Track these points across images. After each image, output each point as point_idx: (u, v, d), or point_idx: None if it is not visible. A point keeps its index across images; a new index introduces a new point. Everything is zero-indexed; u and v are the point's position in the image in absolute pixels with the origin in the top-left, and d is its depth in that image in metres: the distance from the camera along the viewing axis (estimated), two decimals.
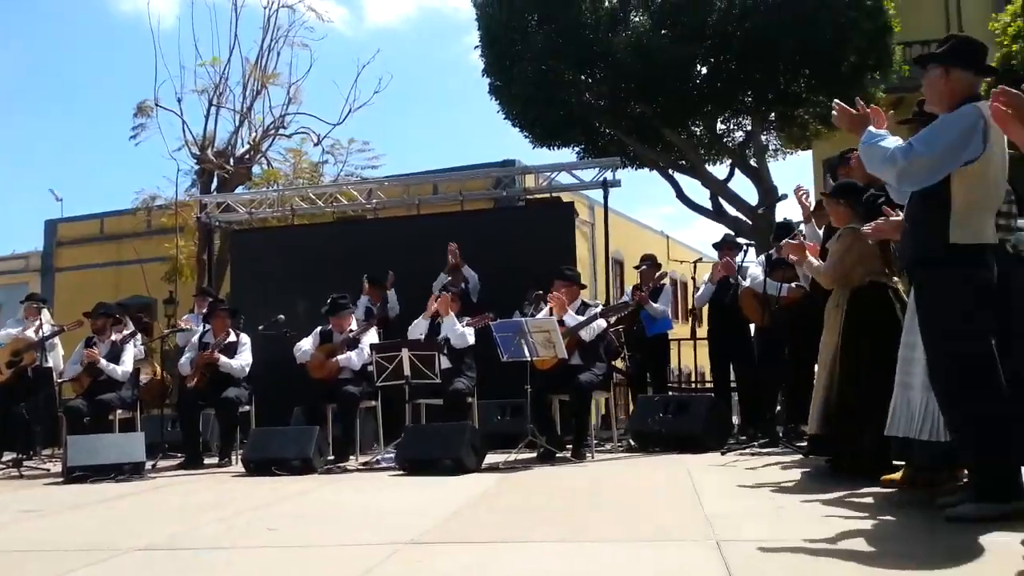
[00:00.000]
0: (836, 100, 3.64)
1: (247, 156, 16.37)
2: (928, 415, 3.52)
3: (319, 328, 7.55)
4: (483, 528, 3.70)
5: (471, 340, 7.03)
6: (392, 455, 6.31)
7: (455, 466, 5.64)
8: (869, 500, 3.83)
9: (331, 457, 6.76)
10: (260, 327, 7.95)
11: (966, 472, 3.57)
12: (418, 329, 7.19)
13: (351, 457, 6.89)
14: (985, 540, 2.79)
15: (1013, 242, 3.80)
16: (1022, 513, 3.04)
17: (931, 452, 3.58)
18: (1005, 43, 10.68)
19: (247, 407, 7.62)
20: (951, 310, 3.18)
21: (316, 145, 17.18)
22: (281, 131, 16.85)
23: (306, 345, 7.38)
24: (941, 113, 3.33)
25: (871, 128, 3.40)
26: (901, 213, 3.77)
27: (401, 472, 5.90)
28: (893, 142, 3.30)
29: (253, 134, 16.53)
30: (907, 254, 3.47)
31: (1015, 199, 3.75)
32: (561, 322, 6.50)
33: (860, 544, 2.91)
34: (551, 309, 6.74)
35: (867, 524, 3.26)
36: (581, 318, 6.62)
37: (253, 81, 16.42)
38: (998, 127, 2.96)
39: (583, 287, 7.23)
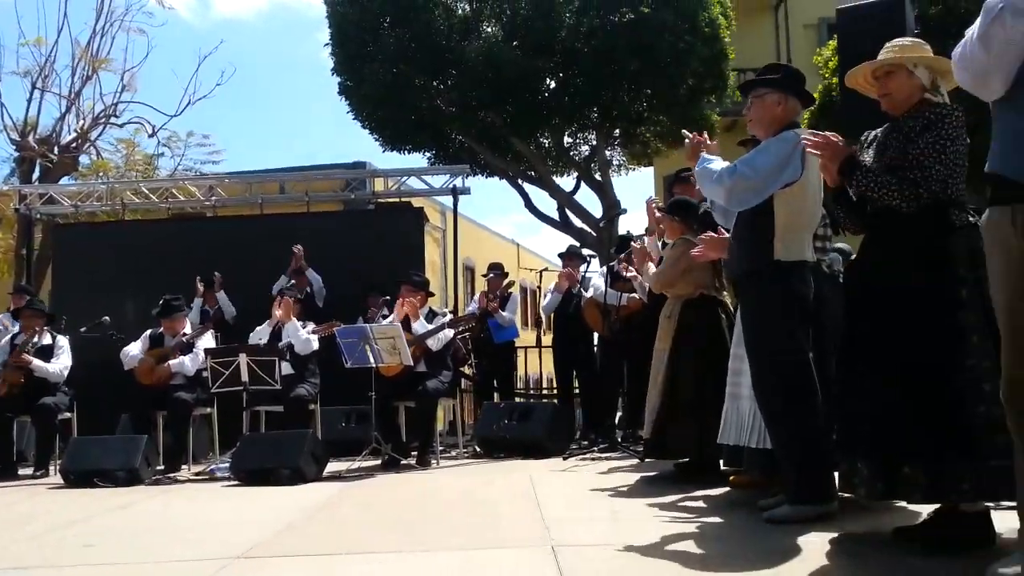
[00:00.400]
0: (693, 133, 3.81)
1: (74, 145, 15.29)
2: (756, 424, 3.73)
3: (149, 331, 7.14)
4: (317, 540, 3.60)
5: (315, 346, 6.85)
6: (228, 465, 6.04)
7: (294, 475, 5.46)
8: (701, 503, 4.00)
9: (161, 467, 6.40)
10: (82, 329, 7.42)
11: None
12: (259, 335, 6.94)
13: (183, 467, 6.55)
14: (802, 540, 2.96)
15: (828, 262, 4.10)
16: (833, 514, 3.27)
17: (760, 458, 3.79)
18: (826, 76, 11.52)
19: (67, 414, 7.09)
20: (775, 326, 3.37)
21: (151, 136, 16.32)
22: (113, 120, 15.87)
23: (134, 350, 6.95)
24: (763, 137, 3.55)
25: (703, 153, 3.60)
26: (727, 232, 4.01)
27: (237, 483, 5.66)
28: (721, 164, 3.51)
29: (81, 121, 15.48)
30: (734, 270, 3.67)
31: (828, 223, 4.04)
32: (408, 329, 6.45)
33: (689, 545, 3.03)
34: (405, 315, 6.68)
35: (697, 526, 3.40)
36: (429, 326, 6.59)
37: (83, 65, 15.40)
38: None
39: (431, 295, 7.21)
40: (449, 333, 6.72)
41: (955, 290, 2.69)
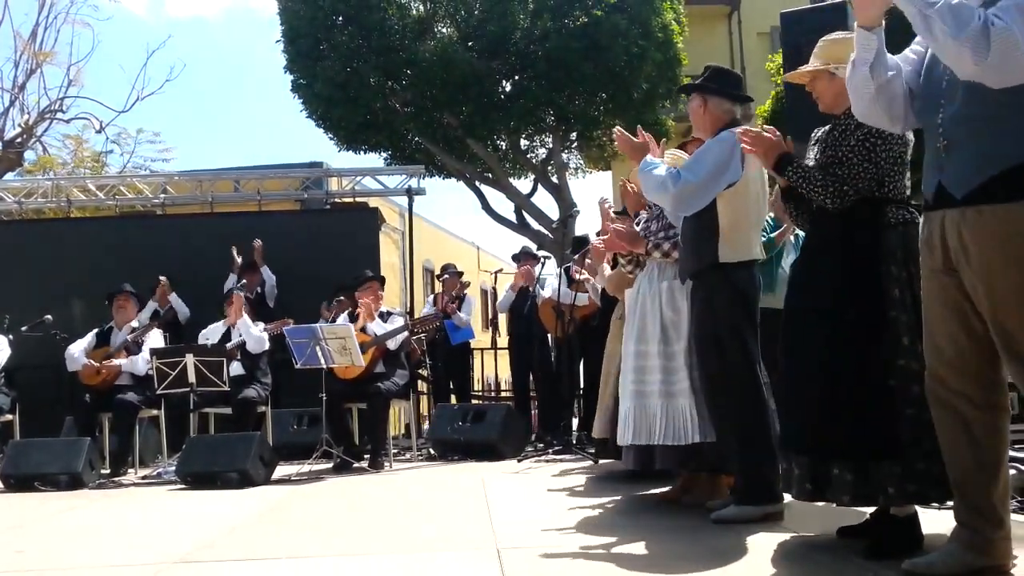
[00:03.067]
0: (617, 127, 3.78)
1: (19, 140, 14.92)
2: (669, 421, 3.71)
3: (95, 330, 6.96)
4: (259, 544, 3.52)
5: (267, 344, 6.74)
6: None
7: (241, 479, 5.36)
8: (650, 504, 4.01)
9: (107, 471, 6.25)
10: (24, 328, 7.22)
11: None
12: (209, 334, 6.80)
13: (130, 471, 6.40)
14: (750, 540, 2.97)
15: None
16: (779, 515, 3.29)
17: (672, 455, 3.75)
18: (778, 82, 11.67)
19: (9, 416, 6.89)
20: (721, 326, 3.38)
21: (99, 132, 16.02)
22: (59, 115, 15.53)
23: (77, 349, 6.77)
24: (706, 139, 3.57)
25: (647, 157, 3.58)
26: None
27: (183, 486, 5.54)
28: (665, 169, 3.50)
29: (26, 116, 15.15)
30: (682, 271, 3.67)
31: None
32: (364, 329, 6.38)
33: (636, 546, 3.02)
34: (349, 314, 6.61)
35: (646, 526, 3.39)
36: (388, 327, 6.52)
37: (27, 58, 15.06)
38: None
39: (382, 280, 7.15)
40: (406, 333, 6.66)
41: (887, 289, 2.69)
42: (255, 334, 6.64)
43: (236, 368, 6.50)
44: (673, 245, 3.89)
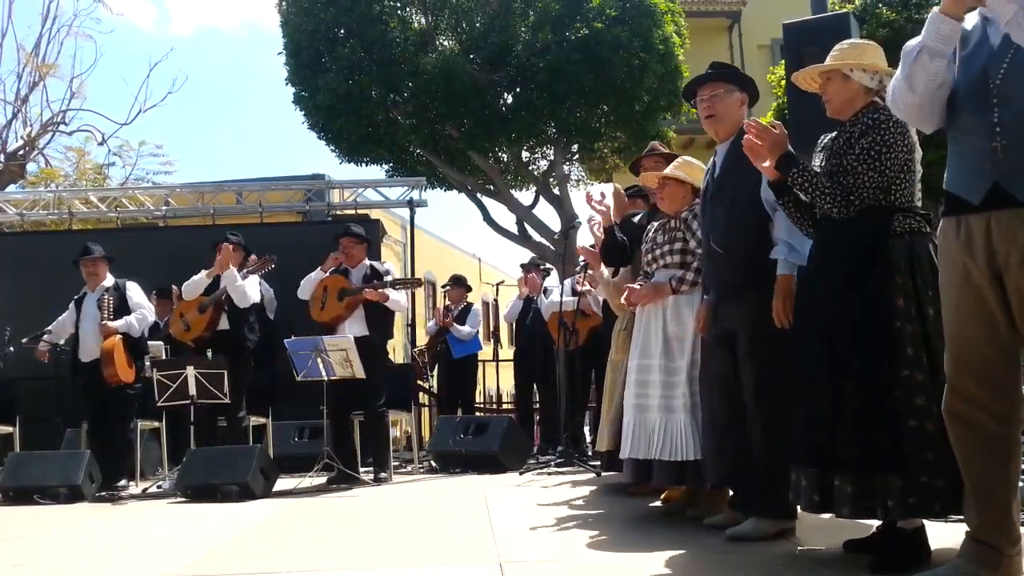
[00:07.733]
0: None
1: (21, 152, 14.96)
2: (667, 436, 3.68)
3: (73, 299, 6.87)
4: (259, 557, 3.50)
5: (255, 298, 6.59)
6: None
7: (241, 491, 5.33)
8: (655, 518, 3.98)
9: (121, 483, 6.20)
10: (24, 340, 7.21)
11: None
12: (195, 285, 6.61)
13: (131, 483, 6.36)
14: (757, 555, 2.94)
15: None
16: (792, 530, 3.24)
17: (668, 471, 3.73)
18: (780, 94, 11.68)
19: (9, 428, 6.87)
20: (777, 339, 3.17)
21: (100, 144, 16.06)
22: (62, 128, 15.58)
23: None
24: (723, 138, 3.50)
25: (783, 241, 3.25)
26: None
27: (183, 499, 5.51)
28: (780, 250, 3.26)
29: (28, 128, 15.17)
30: (728, 279, 3.42)
31: None
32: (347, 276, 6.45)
33: (641, 562, 2.98)
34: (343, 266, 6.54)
35: (650, 540, 3.35)
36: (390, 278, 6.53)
37: (30, 71, 15.11)
38: None
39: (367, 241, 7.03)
40: (402, 299, 6.60)
41: (892, 299, 2.66)
42: (240, 288, 6.39)
43: (223, 322, 6.43)
44: (677, 261, 3.87)
